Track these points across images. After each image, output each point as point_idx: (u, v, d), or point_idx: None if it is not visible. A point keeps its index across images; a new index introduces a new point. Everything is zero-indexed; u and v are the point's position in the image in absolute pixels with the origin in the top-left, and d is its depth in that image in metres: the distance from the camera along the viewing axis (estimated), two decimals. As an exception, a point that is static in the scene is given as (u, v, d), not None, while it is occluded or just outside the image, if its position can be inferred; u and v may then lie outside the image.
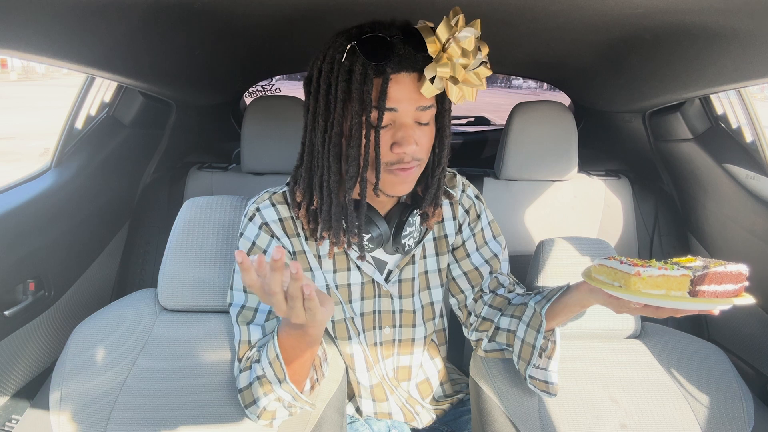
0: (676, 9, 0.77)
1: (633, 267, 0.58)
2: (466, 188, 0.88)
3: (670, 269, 0.58)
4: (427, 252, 0.86)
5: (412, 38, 0.64)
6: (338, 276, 0.82)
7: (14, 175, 1.24)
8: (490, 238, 0.88)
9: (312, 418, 0.78)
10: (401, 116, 0.66)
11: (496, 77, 16.65)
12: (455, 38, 0.62)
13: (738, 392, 0.83)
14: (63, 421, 0.77)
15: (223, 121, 2.00)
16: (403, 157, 0.67)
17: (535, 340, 0.75)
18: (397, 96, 0.65)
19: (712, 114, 1.43)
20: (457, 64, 0.63)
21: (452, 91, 0.64)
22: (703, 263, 0.61)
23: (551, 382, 0.76)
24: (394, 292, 0.84)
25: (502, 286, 0.86)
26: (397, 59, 0.63)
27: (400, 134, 0.66)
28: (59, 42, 0.78)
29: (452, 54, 0.63)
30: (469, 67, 0.64)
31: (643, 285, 0.58)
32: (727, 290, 0.59)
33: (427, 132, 0.69)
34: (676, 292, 0.58)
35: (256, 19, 0.99)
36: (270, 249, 0.77)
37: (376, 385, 0.90)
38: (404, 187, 0.71)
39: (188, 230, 0.90)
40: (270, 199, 0.80)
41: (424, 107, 0.67)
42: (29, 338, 1.15)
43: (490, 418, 0.80)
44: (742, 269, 0.59)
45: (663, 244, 1.58)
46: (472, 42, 0.63)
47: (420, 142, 0.68)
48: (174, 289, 0.88)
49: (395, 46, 0.63)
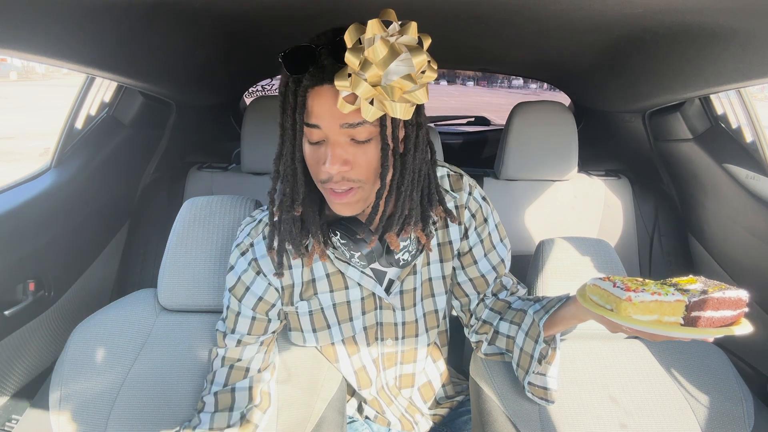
0: (676, 9, 0.77)
1: (625, 291, 0.57)
2: (472, 190, 0.82)
3: (664, 293, 0.56)
4: (431, 259, 0.82)
5: (338, 47, 0.56)
6: (336, 295, 0.79)
7: (14, 175, 1.24)
8: (497, 241, 0.84)
9: (312, 418, 0.78)
10: (327, 133, 0.61)
11: (496, 77, 16.63)
12: (357, 47, 0.53)
13: (738, 392, 0.83)
14: (63, 420, 0.77)
15: (223, 121, 2.00)
16: (330, 176, 0.62)
17: (533, 350, 0.75)
18: (318, 111, 0.60)
19: (712, 114, 1.43)
20: (359, 77, 0.54)
21: (365, 109, 0.56)
22: (702, 286, 0.58)
23: (549, 388, 0.76)
24: (396, 304, 0.81)
25: (505, 289, 0.85)
26: (316, 71, 0.58)
27: (323, 152, 0.62)
28: (59, 42, 0.78)
29: (351, 66, 0.54)
30: (378, 80, 0.54)
31: (634, 310, 0.56)
32: (725, 316, 0.57)
33: (368, 150, 0.62)
34: (670, 318, 0.57)
35: (255, 19, 0.99)
36: (253, 286, 0.77)
37: (372, 400, 0.89)
38: (347, 209, 0.66)
39: (188, 230, 0.90)
40: (263, 232, 0.77)
41: (350, 124, 0.59)
42: (29, 338, 1.15)
43: (490, 418, 0.80)
44: (741, 295, 0.57)
45: (663, 244, 1.58)
46: (380, 50, 0.52)
47: (354, 162, 0.62)
48: (174, 289, 0.88)
49: (319, 56, 0.58)
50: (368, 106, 0.56)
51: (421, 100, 0.58)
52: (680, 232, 1.56)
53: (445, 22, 1.03)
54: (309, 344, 0.82)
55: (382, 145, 0.62)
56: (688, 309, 0.56)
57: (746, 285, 1.24)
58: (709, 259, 1.40)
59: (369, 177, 0.64)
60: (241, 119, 1.58)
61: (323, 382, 0.82)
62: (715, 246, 1.38)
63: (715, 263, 1.36)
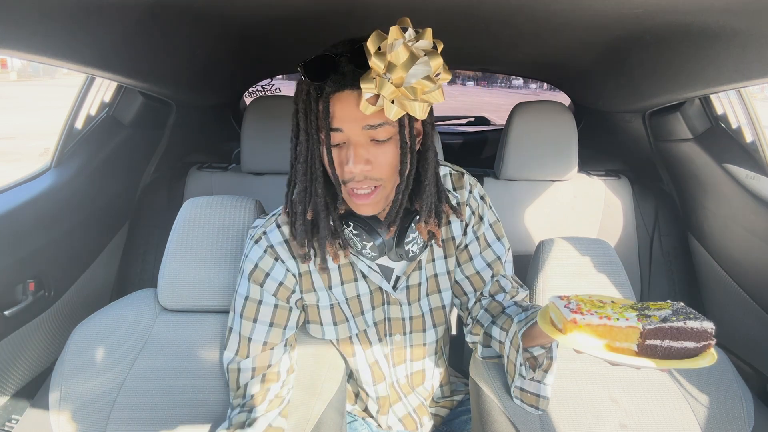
0: (676, 9, 0.77)
1: (571, 313, 0.56)
2: (473, 189, 0.85)
3: (615, 318, 0.55)
4: (435, 255, 0.84)
5: (357, 55, 0.61)
6: (347, 288, 0.81)
7: (14, 175, 1.24)
8: (492, 239, 0.86)
9: (312, 418, 0.78)
10: (349, 136, 0.65)
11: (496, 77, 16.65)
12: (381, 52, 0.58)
13: (738, 392, 0.83)
14: (63, 421, 0.77)
15: (223, 121, 2.00)
16: (353, 175, 0.66)
17: (515, 359, 0.75)
18: (340, 115, 0.64)
19: (712, 114, 1.43)
20: (384, 80, 0.59)
21: (388, 108, 0.60)
22: (669, 313, 0.55)
23: (542, 395, 0.76)
24: (402, 299, 0.83)
25: (503, 291, 0.85)
26: (337, 77, 0.62)
27: (346, 153, 0.65)
28: (59, 42, 0.78)
29: (376, 69, 0.59)
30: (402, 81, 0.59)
31: (580, 333, 0.55)
32: (686, 347, 0.54)
33: (387, 150, 0.66)
34: (622, 344, 0.54)
35: (255, 19, 0.99)
36: (273, 272, 0.77)
37: (383, 396, 0.90)
38: (369, 209, 0.70)
39: (188, 230, 0.90)
40: (276, 221, 0.80)
41: (372, 126, 0.64)
42: (29, 338, 1.15)
43: (490, 418, 0.80)
44: (706, 327, 0.53)
45: (663, 244, 1.58)
46: (402, 54, 0.58)
47: (375, 161, 0.66)
48: (174, 289, 0.88)
49: (340, 64, 0.62)
50: (391, 105, 0.60)
51: (438, 99, 0.62)
52: (680, 232, 1.56)
53: (445, 23, 1.03)
54: (327, 337, 0.84)
55: (401, 144, 0.66)
56: (642, 336, 0.54)
57: (746, 285, 1.24)
58: (709, 259, 1.40)
59: (389, 175, 0.68)
60: (241, 119, 1.58)
61: (323, 382, 0.82)
62: (715, 246, 1.38)
63: (715, 263, 1.36)
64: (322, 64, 0.63)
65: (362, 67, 0.60)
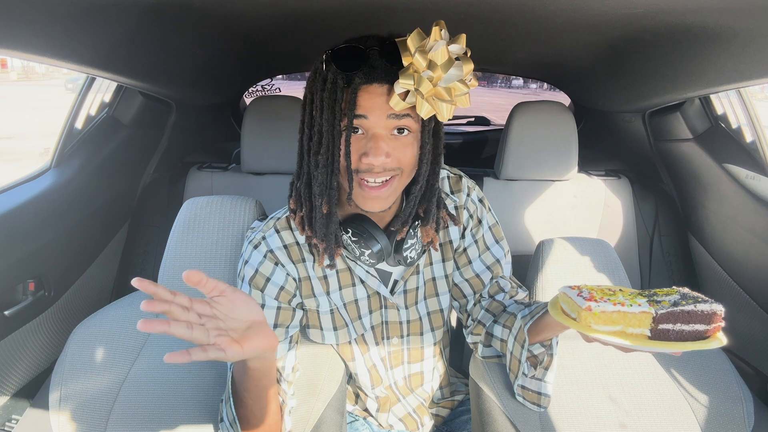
0: (676, 9, 0.77)
1: (585, 301, 0.56)
2: (471, 192, 0.85)
3: (629, 304, 0.55)
4: (433, 259, 0.84)
5: (389, 50, 0.63)
6: (345, 293, 0.81)
7: (14, 175, 1.24)
8: (492, 242, 0.86)
9: (312, 418, 0.78)
10: (372, 125, 0.65)
11: (496, 77, 16.64)
12: (423, 50, 0.59)
13: (738, 392, 0.83)
14: (63, 420, 0.77)
15: (223, 121, 2.00)
16: (372, 167, 0.65)
17: (520, 355, 0.75)
18: (366, 105, 0.64)
19: (712, 114, 1.43)
20: (423, 77, 0.60)
21: (420, 105, 0.61)
22: (677, 298, 0.56)
23: (544, 393, 0.76)
24: (400, 303, 0.83)
25: (503, 291, 0.85)
26: (368, 70, 0.63)
27: (370, 144, 0.65)
28: (59, 42, 0.78)
29: (417, 66, 0.60)
30: (439, 81, 0.60)
31: (594, 320, 0.55)
32: (697, 330, 0.55)
33: (407, 143, 0.67)
34: (635, 329, 0.55)
35: (255, 20, 0.99)
36: (273, 277, 0.77)
37: (382, 397, 0.90)
38: (377, 203, 0.69)
39: (188, 230, 0.90)
40: (275, 226, 0.79)
41: (396, 115, 0.64)
42: (29, 338, 1.15)
43: (490, 418, 0.80)
44: (716, 309, 0.54)
45: (663, 244, 1.58)
46: (442, 55, 0.59)
47: (394, 154, 0.66)
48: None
49: (369, 57, 0.63)
50: (423, 102, 0.61)
51: (465, 104, 0.64)
52: (680, 232, 1.56)
53: (444, 23, 1.03)
54: (327, 342, 0.84)
55: (422, 143, 0.68)
56: (655, 321, 0.54)
57: (747, 285, 1.24)
58: (709, 259, 1.40)
59: (407, 167, 0.69)
60: (241, 119, 1.57)
61: (323, 382, 0.82)
62: (715, 246, 1.38)
63: (715, 263, 1.36)
64: (353, 55, 0.64)
65: (394, 63, 0.62)
